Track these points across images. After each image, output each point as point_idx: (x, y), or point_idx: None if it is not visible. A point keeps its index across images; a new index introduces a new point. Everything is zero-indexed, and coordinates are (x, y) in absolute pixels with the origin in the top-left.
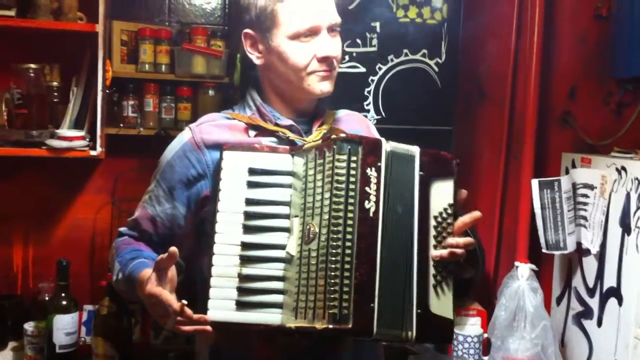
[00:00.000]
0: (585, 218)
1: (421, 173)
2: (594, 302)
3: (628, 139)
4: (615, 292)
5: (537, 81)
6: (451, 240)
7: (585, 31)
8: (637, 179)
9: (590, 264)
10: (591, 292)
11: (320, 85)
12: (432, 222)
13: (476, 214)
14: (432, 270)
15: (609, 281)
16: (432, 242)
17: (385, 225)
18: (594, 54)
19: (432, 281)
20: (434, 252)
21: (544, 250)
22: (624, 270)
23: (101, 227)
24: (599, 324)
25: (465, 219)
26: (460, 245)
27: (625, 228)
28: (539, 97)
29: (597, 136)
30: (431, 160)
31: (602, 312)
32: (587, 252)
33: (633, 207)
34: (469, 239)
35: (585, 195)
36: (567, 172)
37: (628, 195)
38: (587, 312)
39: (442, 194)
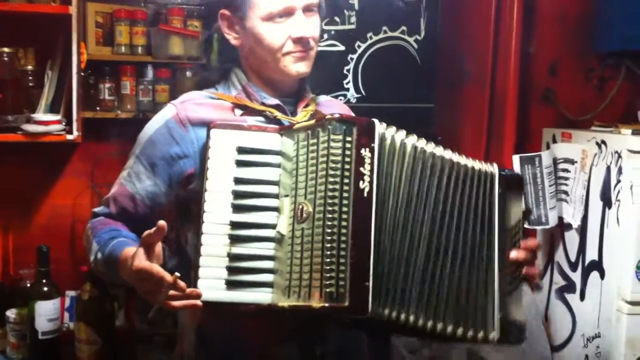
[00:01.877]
0: (566, 193)
1: (500, 191)
2: (576, 276)
3: (609, 114)
4: (597, 266)
5: (517, 58)
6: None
7: (566, 7)
8: (617, 152)
9: (572, 238)
10: (573, 266)
11: (296, 66)
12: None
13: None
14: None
15: (591, 254)
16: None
17: (378, 205)
18: (574, 29)
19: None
20: (512, 254)
21: (526, 226)
22: (605, 243)
23: (81, 212)
24: (582, 297)
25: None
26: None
27: (606, 201)
28: (519, 73)
29: (579, 112)
30: (508, 181)
31: (584, 285)
32: (569, 226)
33: (613, 181)
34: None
35: (566, 170)
36: (548, 148)
37: (608, 169)
38: (569, 286)
39: (514, 210)
